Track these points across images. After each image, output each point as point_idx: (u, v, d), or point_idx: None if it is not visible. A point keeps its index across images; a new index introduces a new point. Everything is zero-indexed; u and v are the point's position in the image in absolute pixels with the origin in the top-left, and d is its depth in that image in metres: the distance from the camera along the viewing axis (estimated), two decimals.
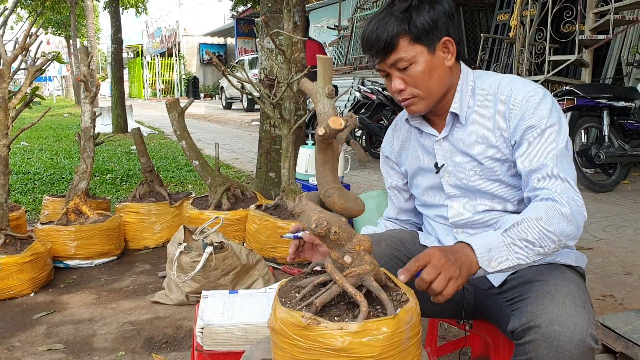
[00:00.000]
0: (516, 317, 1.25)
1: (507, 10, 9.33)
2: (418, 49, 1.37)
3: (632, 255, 3.42)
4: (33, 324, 2.60)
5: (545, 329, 1.15)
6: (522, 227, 1.20)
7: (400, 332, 1.00)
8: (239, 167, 7.09)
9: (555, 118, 1.36)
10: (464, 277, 1.13)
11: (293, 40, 3.49)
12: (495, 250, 1.17)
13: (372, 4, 10.95)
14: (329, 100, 1.03)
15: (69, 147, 8.95)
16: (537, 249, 1.20)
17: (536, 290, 1.27)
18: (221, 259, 2.69)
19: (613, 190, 5.32)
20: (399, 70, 1.39)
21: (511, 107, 1.39)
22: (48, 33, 27.59)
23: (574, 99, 5.11)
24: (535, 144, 1.34)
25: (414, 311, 1.06)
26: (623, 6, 6.25)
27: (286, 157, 3.47)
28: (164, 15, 35.51)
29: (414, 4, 1.37)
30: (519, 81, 1.43)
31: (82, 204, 3.47)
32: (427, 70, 1.38)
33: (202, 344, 1.77)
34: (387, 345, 0.99)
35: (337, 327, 0.98)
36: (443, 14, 1.38)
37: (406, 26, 1.35)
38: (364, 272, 1.06)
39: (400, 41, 1.36)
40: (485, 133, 1.43)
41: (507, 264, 1.18)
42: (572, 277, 1.34)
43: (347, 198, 1.07)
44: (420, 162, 1.57)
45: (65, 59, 26.76)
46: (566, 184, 1.29)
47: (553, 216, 1.22)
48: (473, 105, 1.45)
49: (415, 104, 1.44)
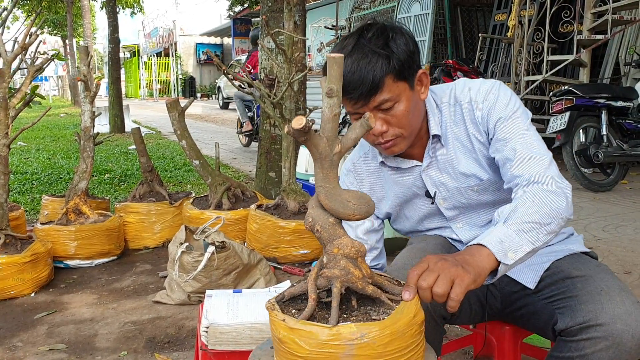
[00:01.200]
0: (567, 315, 1.25)
1: (505, 10, 9.34)
2: (401, 86, 1.28)
3: (631, 255, 3.43)
4: (34, 324, 2.59)
5: (608, 327, 1.17)
6: (521, 213, 1.16)
7: (336, 344, 0.97)
8: (237, 167, 7.09)
9: (515, 103, 1.36)
10: (473, 276, 1.05)
11: (293, 40, 3.49)
12: (506, 240, 1.12)
13: (369, 4, 10.95)
14: (328, 100, 1.02)
15: (67, 147, 8.94)
16: (545, 228, 1.16)
17: (584, 287, 1.27)
18: (223, 258, 2.69)
19: (612, 189, 5.33)
20: (381, 111, 1.30)
21: (476, 112, 1.38)
22: (44, 33, 27.50)
23: (573, 98, 5.12)
24: (503, 133, 1.34)
25: (377, 335, 0.97)
26: (621, 6, 6.27)
27: (287, 157, 3.47)
28: (160, 15, 35.48)
29: (391, 37, 1.27)
30: (470, 83, 1.42)
31: (82, 203, 3.46)
32: (410, 107, 1.32)
33: (206, 343, 1.77)
34: (319, 352, 0.98)
35: (282, 318, 1.02)
36: (414, 44, 1.31)
37: (391, 65, 1.25)
38: (331, 275, 1.05)
39: (385, 81, 1.25)
40: (467, 145, 1.42)
41: (524, 251, 1.13)
42: (605, 267, 1.35)
43: (334, 199, 1.05)
44: (405, 196, 1.52)
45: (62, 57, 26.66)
46: (541, 162, 1.27)
47: (543, 196, 1.20)
48: (446, 122, 1.43)
49: (398, 144, 1.37)
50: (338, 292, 1.02)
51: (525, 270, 1.43)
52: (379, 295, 1.05)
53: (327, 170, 1.05)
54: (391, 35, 1.27)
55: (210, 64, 32.99)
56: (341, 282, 1.04)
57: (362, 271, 1.06)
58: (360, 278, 1.05)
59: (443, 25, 10.38)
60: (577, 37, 6.48)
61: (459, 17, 10.96)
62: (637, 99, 5.49)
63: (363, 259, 1.07)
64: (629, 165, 5.47)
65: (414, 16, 9.24)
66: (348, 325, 0.98)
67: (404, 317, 1.01)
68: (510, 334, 1.60)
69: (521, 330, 1.60)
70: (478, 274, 1.07)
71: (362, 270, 1.06)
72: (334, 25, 11.49)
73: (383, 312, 1.03)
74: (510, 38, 7.77)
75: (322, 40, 12.77)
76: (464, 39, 10.91)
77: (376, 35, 1.27)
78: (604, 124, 5.23)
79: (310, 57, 12.64)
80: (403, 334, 1.00)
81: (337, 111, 1.02)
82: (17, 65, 3.15)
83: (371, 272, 1.08)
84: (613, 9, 6.14)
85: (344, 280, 1.04)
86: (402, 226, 1.62)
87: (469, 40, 10.86)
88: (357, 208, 1.05)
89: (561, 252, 1.44)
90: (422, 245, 1.51)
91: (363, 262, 1.07)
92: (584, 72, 6.75)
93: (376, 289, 1.06)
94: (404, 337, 1.00)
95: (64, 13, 22.36)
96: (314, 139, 1.03)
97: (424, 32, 8.90)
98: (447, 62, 7.61)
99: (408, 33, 1.31)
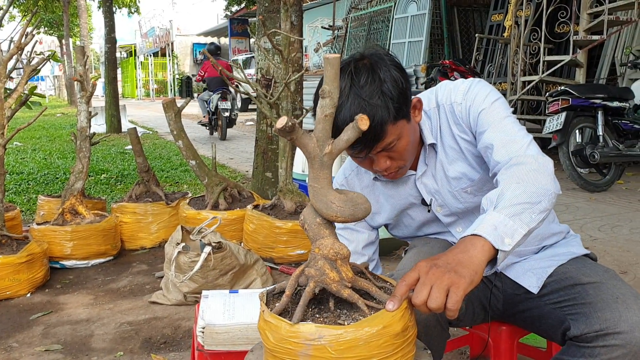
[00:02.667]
0: (581, 322, 1.25)
1: (502, 10, 9.36)
2: (400, 124, 1.29)
3: (627, 255, 3.43)
4: (30, 325, 2.58)
5: (627, 335, 1.18)
6: (509, 196, 1.14)
7: (294, 342, 0.99)
8: (234, 167, 7.08)
9: (494, 94, 1.37)
10: (468, 279, 1.01)
11: (290, 40, 3.49)
12: (500, 226, 1.09)
13: (366, 4, 10.95)
14: (320, 100, 1.03)
15: (63, 147, 8.92)
16: (536, 207, 1.14)
17: (598, 295, 1.27)
18: (219, 259, 2.68)
19: (607, 190, 5.35)
20: (384, 150, 1.32)
21: (457, 112, 1.39)
22: (40, 33, 27.44)
23: (569, 99, 5.13)
24: (483, 124, 1.34)
25: (335, 340, 0.97)
26: (617, 7, 6.29)
27: (283, 157, 3.47)
28: (157, 15, 35.39)
29: (383, 79, 1.25)
30: (450, 85, 1.43)
31: (78, 204, 3.45)
32: (410, 139, 1.33)
33: (203, 343, 1.77)
34: (281, 347, 1.02)
35: (262, 309, 1.07)
36: (404, 77, 1.29)
37: (390, 113, 1.25)
38: (308, 274, 1.06)
39: (387, 128, 1.25)
40: (455, 147, 1.42)
41: (520, 234, 1.09)
42: (614, 273, 1.36)
43: (319, 199, 1.05)
44: (402, 207, 1.53)
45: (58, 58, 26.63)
46: (519, 143, 1.27)
47: (526, 176, 1.19)
48: (436, 128, 1.43)
49: (400, 172, 1.41)
50: (310, 290, 1.03)
51: (528, 274, 1.44)
52: (355, 300, 1.03)
53: (317, 170, 1.05)
54: (383, 77, 1.25)
55: None
56: (315, 282, 1.04)
57: (340, 274, 1.04)
58: (335, 280, 1.04)
59: (440, 26, 10.40)
60: (573, 38, 6.49)
61: (456, 18, 10.98)
62: (633, 100, 5.51)
63: (344, 262, 1.06)
64: (624, 165, 5.48)
65: (410, 16, 9.25)
66: (309, 325, 0.99)
67: (371, 326, 0.98)
68: (507, 334, 1.60)
69: (518, 330, 1.60)
70: (474, 273, 1.03)
71: (340, 273, 1.04)
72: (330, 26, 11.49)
73: (353, 318, 1.02)
74: (507, 38, 7.79)
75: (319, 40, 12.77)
76: (461, 39, 10.93)
77: (369, 82, 1.24)
78: (600, 125, 5.24)
79: (307, 57, 12.64)
80: (367, 343, 0.98)
81: (329, 112, 1.02)
82: (12, 65, 3.14)
83: (353, 276, 1.06)
84: (609, 9, 6.15)
85: (318, 280, 1.04)
86: (401, 233, 1.63)
87: (466, 40, 10.88)
88: (339, 210, 1.04)
89: (563, 256, 1.45)
90: (426, 249, 1.50)
91: (344, 265, 1.05)
92: (580, 72, 6.77)
93: (353, 294, 1.04)
94: (367, 346, 0.98)
95: (60, 12, 22.31)
96: (302, 138, 1.03)
97: (421, 33, 8.91)
98: (444, 63, 7.62)
99: (397, 66, 1.29)
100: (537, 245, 1.49)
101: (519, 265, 1.47)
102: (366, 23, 10.54)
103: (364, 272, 1.14)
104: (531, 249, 1.49)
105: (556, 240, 1.52)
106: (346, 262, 1.06)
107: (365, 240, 1.58)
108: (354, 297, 1.03)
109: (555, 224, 1.54)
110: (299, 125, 1.06)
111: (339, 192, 1.07)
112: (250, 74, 14.15)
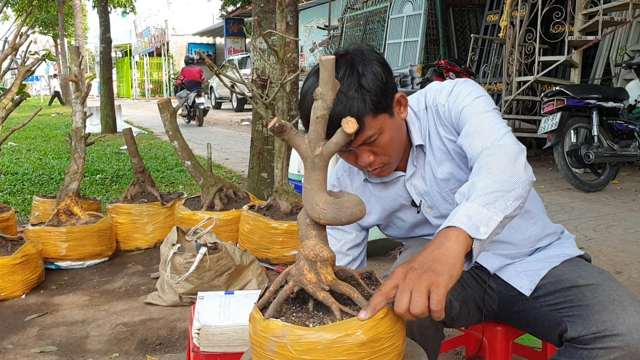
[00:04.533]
0: (578, 324, 1.26)
1: (497, 10, 9.39)
2: (381, 118, 1.29)
3: (622, 255, 3.45)
4: (25, 326, 2.58)
5: (625, 337, 1.19)
6: (481, 186, 1.13)
7: (263, 336, 1.02)
8: (230, 168, 7.08)
9: (477, 92, 1.36)
10: (447, 275, 0.99)
11: (285, 41, 3.48)
12: (474, 215, 1.07)
13: (362, 4, 10.96)
14: (314, 102, 1.03)
15: (58, 147, 8.90)
16: (510, 195, 1.12)
17: (595, 297, 1.28)
18: (215, 259, 2.68)
19: (602, 190, 5.36)
20: (366, 144, 1.32)
21: (441, 113, 1.39)
22: (35, 32, 27.36)
23: (564, 99, 5.15)
24: (463, 120, 1.34)
25: (296, 340, 0.98)
26: (611, 7, 6.32)
27: (279, 158, 3.47)
28: (152, 15, 35.35)
29: (362, 73, 1.27)
30: (437, 86, 1.43)
31: (73, 204, 3.44)
32: (393, 134, 1.33)
33: (198, 345, 1.77)
34: (255, 339, 1.06)
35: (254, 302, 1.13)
36: (386, 71, 1.30)
37: (367, 105, 1.26)
38: (290, 272, 1.07)
39: (365, 120, 1.26)
40: (443, 149, 1.42)
41: (495, 221, 1.08)
42: (609, 274, 1.37)
43: (307, 200, 1.05)
44: (392, 208, 1.53)
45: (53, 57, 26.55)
46: (494, 136, 1.26)
47: (497, 165, 1.18)
48: (425, 129, 1.43)
49: (386, 169, 1.40)
50: (287, 289, 1.06)
51: (521, 276, 1.44)
52: (329, 304, 1.02)
53: (309, 171, 1.05)
54: (361, 70, 1.27)
55: (203, 64, 32.92)
56: (294, 281, 1.06)
57: (318, 276, 1.04)
58: (312, 282, 1.04)
59: (435, 26, 10.41)
60: (568, 38, 6.51)
61: (451, 18, 11.01)
62: (627, 100, 5.54)
63: (324, 264, 1.05)
64: (619, 165, 5.51)
65: (406, 16, 9.28)
66: (277, 322, 1.01)
67: (333, 332, 0.98)
68: (502, 334, 1.61)
69: (513, 330, 1.61)
70: (452, 266, 1.01)
71: (319, 275, 1.04)
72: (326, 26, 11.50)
73: (323, 321, 1.02)
74: (502, 39, 7.81)
75: (315, 40, 12.78)
76: (456, 40, 10.96)
77: (347, 75, 1.26)
78: (595, 125, 5.26)
79: (302, 57, 12.65)
80: (326, 348, 0.97)
81: (320, 114, 1.02)
82: (7, 66, 3.13)
83: (333, 279, 1.05)
84: (604, 10, 6.18)
85: (297, 280, 1.05)
86: (393, 234, 1.63)
87: (461, 40, 10.91)
88: (322, 212, 1.04)
89: (557, 258, 1.45)
90: (421, 250, 1.49)
91: (323, 268, 1.05)
92: (575, 72, 6.80)
93: (328, 297, 1.03)
94: (326, 351, 0.97)
95: (54, 12, 22.27)
96: (294, 139, 1.04)
97: (417, 33, 8.93)
98: (439, 63, 7.64)
99: (378, 60, 1.30)
100: (531, 247, 1.50)
101: (512, 267, 1.48)
102: (362, 23, 10.56)
103: (354, 277, 1.13)
104: (525, 250, 1.49)
105: (550, 242, 1.52)
106: (327, 264, 1.05)
107: (352, 242, 1.58)
108: (329, 300, 1.03)
109: (548, 224, 1.54)
110: (293, 125, 1.06)
111: (332, 194, 1.07)
112: (246, 73, 14.16)
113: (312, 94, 1.07)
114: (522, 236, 1.47)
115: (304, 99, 1.32)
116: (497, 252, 1.48)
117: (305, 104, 1.29)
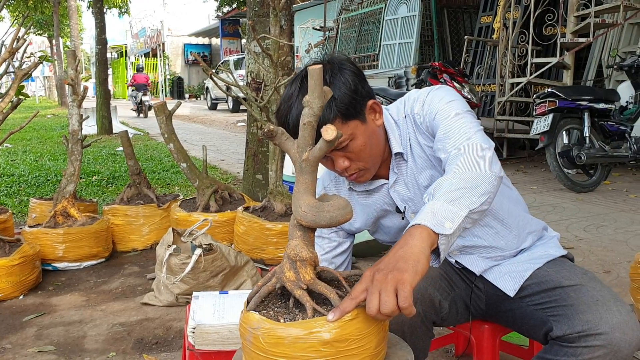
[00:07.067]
0: (563, 323, 1.30)
1: (491, 12, 9.44)
2: (352, 124, 1.32)
3: (611, 254, 3.50)
4: (23, 326, 2.61)
5: (608, 336, 1.24)
6: (446, 185, 1.16)
7: (244, 326, 1.09)
8: (226, 169, 7.11)
9: (451, 96, 1.39)
10: (411, 271, 1.01)
11: (279, 44, 3.53)
12: (439, 211, 1.10)
13: (357, 6, 11.00)
14: (304, 109, 1.07)
15: (54, 149, 8.91)
16: (476, 191, 1.16)
17: (579, 297, 1.33)
18: (210, 260, 2.72)
19: (594, 190, 5.42)
20: (339, 150, 1.35)
21: (418, 121, 1.42)
22: (30, 34, 27.29)
23: (556, 100, 5.20)
24: (437, 125, 1.37)
25: (266, 333, 1.03)
26: (603, 10, 6.38)
27: (273, 160, 3.51)
28: (148, 15, 35.29)
29: (330, 81, 1.31)
30: (415, 94, 1.46)
31: (70, 206, 3.48)
32: (366, 140, 1.36)
33: (193, 343, 1.81)
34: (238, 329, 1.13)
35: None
36: (356, 78, 1.34)
37: (333, 111, 1.29)
38: (275, 270, 1.13)
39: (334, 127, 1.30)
40: (423, 156, 1.45)
41: (460, 217, 1.11)
42: (592, 275, 1.42)
43: (294, 202, 1.10)
44: (378, 215, 1.56)
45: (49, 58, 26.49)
46: (464, 136, 1.29)
47: (464, 164, 1.21)
48: (405, 137, 1.46)
49: (363, 175, 1.43)
50: (270, 285, 1.11)
51: (505, 278, 1.49)
52: (304, 302, 1.06)
53: (298, 174, 1.09)
54: (329, 79, 1.31)
55: (198, 65, 32.84)
56: (276, 278, 1.11)
57: (297, 275, 1.08)
58: (290, 280, 1.08)
59: (430, 27, 10.46)
60: (560, 40, 6.58)
61: (446, 19, 11.06)
62: (619, 101, 5.59)
63: (304, 264, 1.08)
64: (611, 166, 5.56)
65: (401, 18, 9.31)
66: (255, 314, 1.07)
67: (297, 328, 1.02)
68: (489, 332, 1.66)
69: (500, 328, 1.65)
70: (416, 262, 1.02)
71: (298, 274, 1.08)
72: (322, 27, 11.54)
73: (295, 318, 1.06)
74: (496, 40, 7.87)
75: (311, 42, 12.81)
76: (451, 41, 11.00)
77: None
78: (587, 126, 5.31)
79: (298, 58, 12.68)
80: (291, 343, 1.01)
81: (307, 120, 1.06)
82: (4, 70, 3.16)
83: (312, 279, 1.08)
84: (595, 12, 6.24)
85: (278, 277, 1.11)
86: (381, 238, 1.67)
87: (456, 42, 10.96)
88: (303, 215, 1.07)
89: (541, 259, 1.50)
90: None
91: (302, 267, 1.08)
92: (568, 74, 6.86)
93: (304, 295, 1.07)
94: (292, 346, 1.01)
95: (50, 13, 22.21)
96: (285, 144, 1.09)
97: (411, 34, 8.97)
98: (434, 64, 7.67)
99: (350, 69, 1.34)
100: (515, 248, 1.54)
101: (497, 269, 1.52)
102: (357, 24, 10.59)
103: (339, 280, 1.14)
104: (509, 252, 1.53)
105: (533, 240, 1.57)
106: (306, 264, 1.08)
107: (335, 250, 1.60)
108: (304, 298, 1.06)
109: (530, 222, 1.58)
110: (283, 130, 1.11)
111: (323, 197, 1.11)
112: (242, 74, 14.18)
113: (287, 102, 1.12)
114: (505, 239, 1.52)
115: (279, 107, 1.36)
116: (482, 255, 1.53)
117: (280, 112, 1.35)
